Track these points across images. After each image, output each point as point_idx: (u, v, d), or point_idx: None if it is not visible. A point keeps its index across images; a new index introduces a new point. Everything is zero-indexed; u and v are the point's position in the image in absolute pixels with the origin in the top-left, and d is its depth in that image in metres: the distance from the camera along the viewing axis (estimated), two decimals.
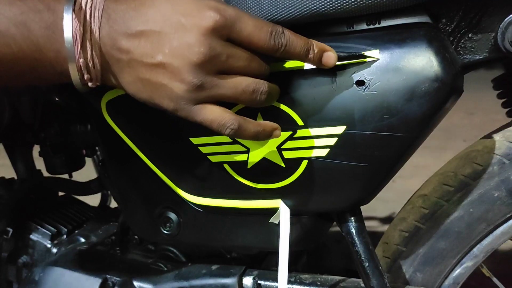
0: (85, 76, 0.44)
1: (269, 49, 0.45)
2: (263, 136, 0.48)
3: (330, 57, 0.47)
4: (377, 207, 0.53)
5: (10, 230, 0.83)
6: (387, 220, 1.59)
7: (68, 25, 0.41)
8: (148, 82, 0.44)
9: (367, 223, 0.59)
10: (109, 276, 0.71)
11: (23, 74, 0.44)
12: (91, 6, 0.42)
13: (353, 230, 0.56)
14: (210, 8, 0.42)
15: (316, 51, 0.46)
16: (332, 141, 0.51)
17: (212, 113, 0.45)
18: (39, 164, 0.98)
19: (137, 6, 0.43)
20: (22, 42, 0.41)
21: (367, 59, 0.49)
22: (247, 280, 0.65)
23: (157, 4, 0.43)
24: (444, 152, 2.35)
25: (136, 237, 0.78)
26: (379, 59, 0.48)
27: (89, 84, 0.45)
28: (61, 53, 0.42)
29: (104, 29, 0.42)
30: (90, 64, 0.43)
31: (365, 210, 0.57)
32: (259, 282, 0.65)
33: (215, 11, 0.42)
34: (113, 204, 1.15)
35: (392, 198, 1.34)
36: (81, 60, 0.43)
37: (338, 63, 0.48)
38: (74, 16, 0.41)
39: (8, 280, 0.88)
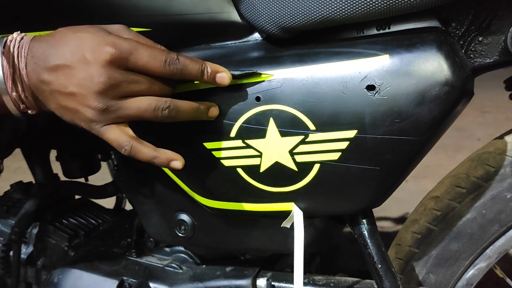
0: (21, 106, 0.51)
1: (166, 75, 0.51)
2: (158, 162, 0.53)
3: (224, 77, 0.53)
4: (390, 207, 0.54)
5: (29, 233, 0.85)
6: (400, 220, 1.58)
7: None
8: (66, 108, 0.50)
9: (380, 224, 0.59)
10: (125, 278, 0.72)
11: None
12: (18, 47, 0.49)
13: (365, 232, 0.57)
14: (108, 43, 0.48)
15: (209, 73, 0.52)
16: (343, 145, 0.52)
17: (113, 134, 0.51)
18: (56, 168, 1.01)
19: (54, 43, 0.49)
20: None
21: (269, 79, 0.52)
22: (261, 282, 0.66)
23: (69, 41, 0.49)
24: (458, 152, 2.33)
25: (151, 239, 0.80)
26: (388, 63, 0.49)
27: (29, 111, 0.52)
28: None
29: (29, 66, 0.49)
30: (23, 96, 0.50)
31: (378, 210, 0.57)
32: (273, 283, 0.66)
33: (111, 46, 0.48)
34: (128, 206, 1.17)
35: (405, 198, 1.34)
36: (14, 93, 0.50)
37: (234, 80, 0.54)
38: (3, 58, 0.49)
39: (27, 282, 0.91)
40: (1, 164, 1.00)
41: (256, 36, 0.59)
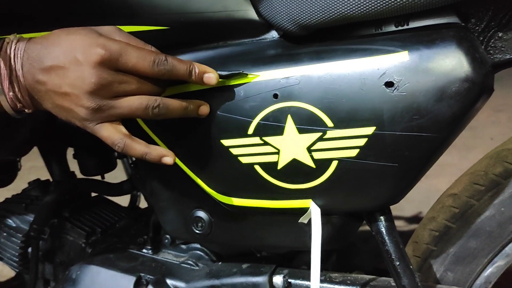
0: (18, 105, 0.53)
1: (155, 75, 0.53)
2: (149, 158, 0.55)
3: (211, 77, 0.55)
4: (404, 206, 0.53)
5: (47, 230, 0.86)
6: (413, 220, 1.57)
7: None
8: (61, 107, 0.52)
9: None
10: (142, 275, 0.73)
11: None
12: (14, 49, 0.51)
13: (383, 229, 0.56)
14: (98, 45, 0.50)
15: (197, 73, 0.54)
16: (362, 141, 0.52)
17: (107, 132, 0.53)
18: (72, 166, 1.02)
19: (48, 45, 0.51)
20: None
21: None
22: (278, 279, 0.66)
23: (62, 43, 0.51)
24: (471, 151, 2.31)
25: (167, 236, 0.80)
26: (407, 60, 0.49)
27: (25, 110, 0.55)
28: None
29: (25, 67, 0.51)
30: (19, 96, 0.52)
31: (392, 209, 0.57)
32: (289, 280, 0.66)
33: (101, 47, 0.50)
34: (142, 204, 1.18)
35: (418, 198, 1.33)
36: (11, 93, 0.52)
37: (221, 80, 0.56)
38: (0, 59, 0.51)
39: (45, 278, 0.92)
40: (19, 162, 1.02)
41: (273, 34, 0.60)
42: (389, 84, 0.50)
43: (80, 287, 0.75)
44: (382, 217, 0.57)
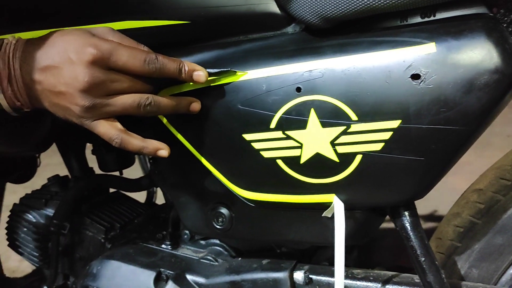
0: (17, 103, 0.55)
1: (145, 73, 0.54)
2: (146, 152, 0.57)
3: (200, 75, 0.56)
4: (418, 204, 0.52)
5: (67, 225, 0.87)
6: (429, 218, 1.55)
7: None
8: (58, 105, 0.54)
9: None
10: (162, 270, 0.73)
11: None
12: (13, 49, 0.54)
13: (407, 224, 0.56)
14: (90, 45, 0.52)
15: (187, 71, 0.56)
16: (387, 135, 0.51)
17: (103, 128, 0.55)
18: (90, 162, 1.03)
19: (44, 46, 0.53)
20: None
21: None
22: (298, 275, 0.66)
23: (56, 43, 0.53)
24: (487, 148, 2.27)
25: (186, 232, 0.80)
26: (434, 51, 0.48)
27: (24, 109, 0.56)
28: None
29: (23, 67, 0.53)
30: (18, 95, 0.54)
31: None
32: (310, 276, 0.65)
33: (93, 47, 0.52)
34: (158, 200, 1.19)
35: (434, 196, 1.31)
36: (10, 92, 0.54)
37: (210, 78, 0.57)
38: (0, 60, 0.53)
39: (64, 273, 0.93)
40: (38, 158, 1.02)
41: (295, 27, 0.59)
42: (415, 77, 0.49)
43: (101, 282, 0.75)
44: (406, 212, 0.56)
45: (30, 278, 1.06)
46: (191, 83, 0.59)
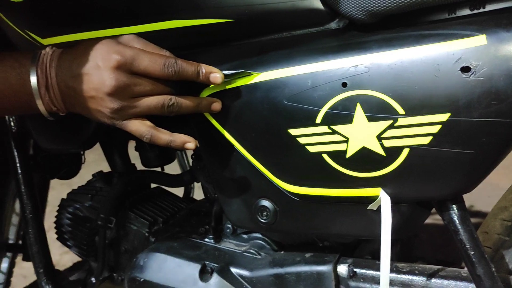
0: (53, 109, 0.61)
1: (165, 76, 0.59)
2: (174, 146, 0.61)
3: (217, 77, 0.60)
4: None
5: (113, 219, 0.90)
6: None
7: (34, 76, 0.58)
8: (90, 109, 0.59)
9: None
10: (207, 263, 0.75)
11: (7, 110, 0.64)
12: (49, 60, 0.59)
13: (455, 218, 0.55)
14: (115, 51, 0.57)
15: (204, 73, 0.60)
16: (435, 128, 0.51)
17: (134, 126, 0.60)
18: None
19: (76, 55, 0.59)
20: (5, 90, 0.59)
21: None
22: (342, 268, 0.66)
23: (86, 52, 0.58)
24: None
25: (229, 226, 0.82)
26: (485, 44, 0.48)
27: (60, 113, 0.62)
28: (32, 95, 0.59)
29: (58, 75, 0.59)
30: (54, 101, 0.60)
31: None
32: (354, 269, 0.66)
33: (117, 53, 0.57)
34: (196, 196, 1.21)
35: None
36: (47, 98, 0.59)
37: (226, 79, 0.61)
38: (38, 68, 0.58)
39: (110, 266, 0.96)
40: (83, 155, 1.06)
41: (338, 22, 0.60)
42: (465, 69, 0.49)
43: (148, 273, 0.77)
44: (454, 206, 0.56)
45: (74, 271, 1.10)
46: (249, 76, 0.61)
